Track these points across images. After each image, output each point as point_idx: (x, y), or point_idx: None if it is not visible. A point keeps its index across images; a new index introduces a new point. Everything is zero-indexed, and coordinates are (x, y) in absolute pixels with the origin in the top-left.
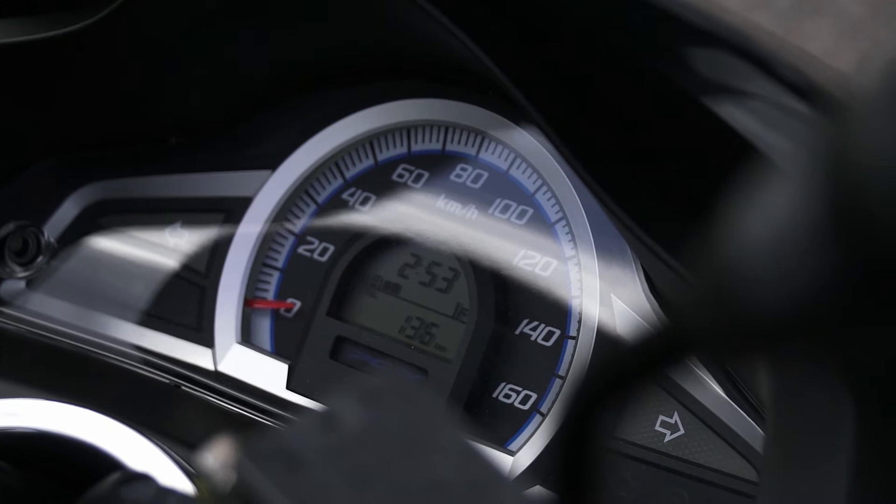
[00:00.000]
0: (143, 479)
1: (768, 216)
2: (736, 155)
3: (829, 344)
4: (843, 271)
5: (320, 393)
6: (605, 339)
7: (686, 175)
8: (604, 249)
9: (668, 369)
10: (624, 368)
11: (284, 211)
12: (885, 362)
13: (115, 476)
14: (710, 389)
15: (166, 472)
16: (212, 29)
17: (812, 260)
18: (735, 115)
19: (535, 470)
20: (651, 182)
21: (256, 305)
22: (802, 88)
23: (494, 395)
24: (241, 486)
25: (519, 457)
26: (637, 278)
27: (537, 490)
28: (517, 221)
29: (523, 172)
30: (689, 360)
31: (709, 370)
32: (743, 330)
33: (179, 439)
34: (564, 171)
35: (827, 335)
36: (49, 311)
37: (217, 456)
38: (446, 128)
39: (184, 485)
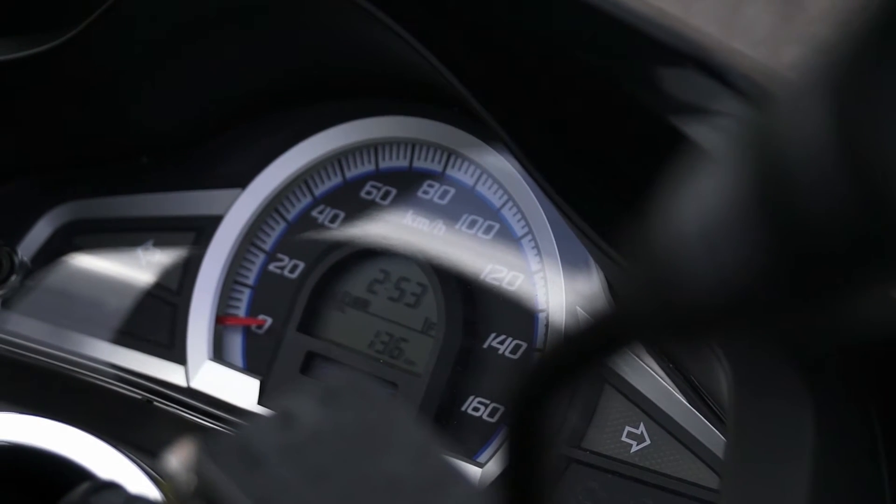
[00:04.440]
0: (113, 487)
1: (699, 204)
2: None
3: (761, 330)
4: (771, 258)
5: None
6: None
7: (647, 185)
8: (569, 263)
9: (609, 357)
10: (566, 356)
11: (255, 229)
12: (831, 351)
13: (84, 486)
14: (675, 400)
15: (136, 481)
16: (179, 49)
17: (740, 247)
18: (697, 129)
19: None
20: (612, 192)
21: (228, 322)
22: (736, 83)
23: (463, 409)
24: (202, 486)
25: (487, 468)
26: (601, 290)
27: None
28: (484, 236)
29: (489, 188)
30: (629, 348)
31: (673, 380)
32: (678, 316)
33: (150, 452)
34: (530, 187)
35: (758, 321)
36: (23, 329)
37: (180, 458)
38: (413, 145)
39: (153, 492)
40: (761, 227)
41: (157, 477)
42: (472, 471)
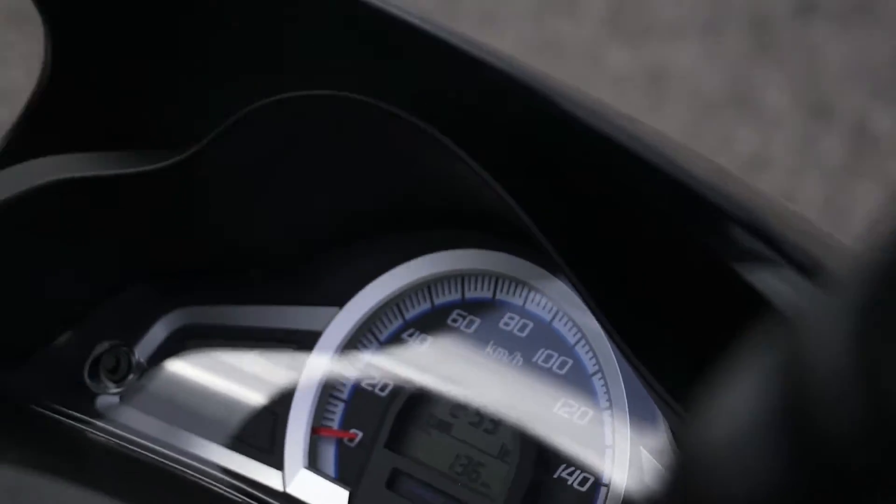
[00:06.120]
0: None
1: (730, 410)
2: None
3: None
4: (790, 470)
5: None
6: (632, 488)
7: (711, 342)
8: (635, 403)
9: None
10: None
11: (350, 346)
12: None
13: None
14: None
15: None
16: (288, 176)
17: (763, 457)
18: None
19: None
20: (678, 345)
21: (323, 433)
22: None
23: None
24: None
25: None
26: (663, 432)
27: None
28: (558, 371)
29: (565, 325)
30: None
31: None
32: None
33: None
34: (601, 327)
35: None
36: (137, 425)
37: None
38: (497, 278)
39: None
40: (782, 439)
41: None
42: None
